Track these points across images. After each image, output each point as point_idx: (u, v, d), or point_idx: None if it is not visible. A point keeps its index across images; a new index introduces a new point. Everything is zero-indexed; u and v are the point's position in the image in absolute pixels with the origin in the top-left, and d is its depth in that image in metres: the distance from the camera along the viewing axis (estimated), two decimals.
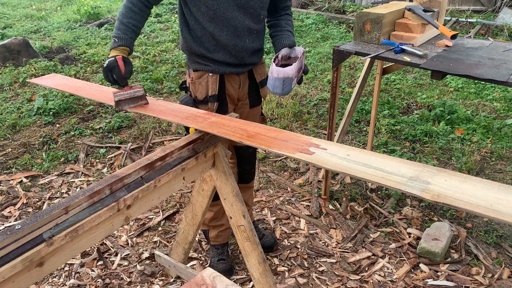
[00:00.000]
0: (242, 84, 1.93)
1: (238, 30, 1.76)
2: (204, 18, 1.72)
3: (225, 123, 1.53)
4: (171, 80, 4.65)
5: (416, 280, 2.18)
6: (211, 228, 2.25)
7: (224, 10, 1.70)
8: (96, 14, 7.40)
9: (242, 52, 1.82)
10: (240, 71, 1.88)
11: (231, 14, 1.72)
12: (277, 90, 1.67)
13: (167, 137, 3.58)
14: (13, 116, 3.83)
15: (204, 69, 1.84)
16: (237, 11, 1.72)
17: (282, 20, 1.94)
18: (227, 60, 1.81)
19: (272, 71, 1.67)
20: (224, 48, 1.79)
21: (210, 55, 1.80)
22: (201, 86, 1.86)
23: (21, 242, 1.05)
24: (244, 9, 1.74)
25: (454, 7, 6.90)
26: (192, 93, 1.90)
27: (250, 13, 1.76)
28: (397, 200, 2.77)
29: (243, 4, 1.72)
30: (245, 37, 1.80)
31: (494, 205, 0.99)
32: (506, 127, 3.57)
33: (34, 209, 2.75)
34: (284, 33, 1.89)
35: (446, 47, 2.36)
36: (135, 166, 1.33)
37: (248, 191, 2.29)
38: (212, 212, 2.17)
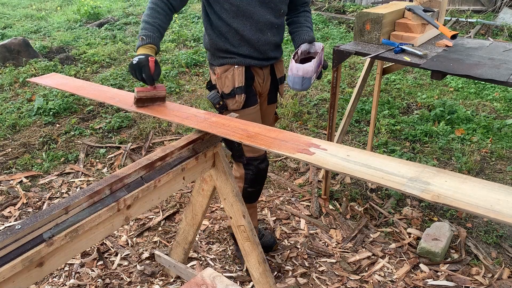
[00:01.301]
0: (265, 79, 1.99)
1: (260, 25, 1.82)
2: (228, 14, 1.78)
3: (225, 123, 1.53)
4: (171, 80, 4.65)
5: (416, 280, 2.18)
6: None
7: (247, 5, 1.76)
8: (96, 14, 7.40)
9: (265, 45, 1.88)
10: (264, 64, 1.93)
11: (254, 9, 1.78)
12: (297, 86, 1.70)
13: (167, 137, 3.58)
14: (13, 116, 3.83)
15: (230, 62, 1.88)
16: (259, 6, 1.78)
17: (301, 17, 1.98)
18: (252, 54, 1.87)
19: (292, 68, 1.68)
20: (249, 43, 1.84)
21: (236, 50, 1.86)
22: (228, 79, 1.89)
23: (21, 242, 1.05)
24: (265, 4, 1.79)
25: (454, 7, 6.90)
26: (219, 89, 1.93)
27: (271, 8, 1.82)
28: (397, 200, 2.77)
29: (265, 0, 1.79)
30: (267, 31, 1.85)
31: (494, 206, 0.99)
32: (506, 127, 3.57)
33: (34, 209, 2.75)
34: (303, 29, 1.93)
35: (446, 47, 2.36)
36: (135, 166, 1.33)
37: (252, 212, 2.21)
38: None
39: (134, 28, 6.73)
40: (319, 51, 1.79)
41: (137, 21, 7.14)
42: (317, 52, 1.79)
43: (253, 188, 2.09)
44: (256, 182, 2.06)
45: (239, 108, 1.91)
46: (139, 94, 1.60)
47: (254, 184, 2.07)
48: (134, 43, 5.94)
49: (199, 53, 5.43)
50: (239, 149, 1.92)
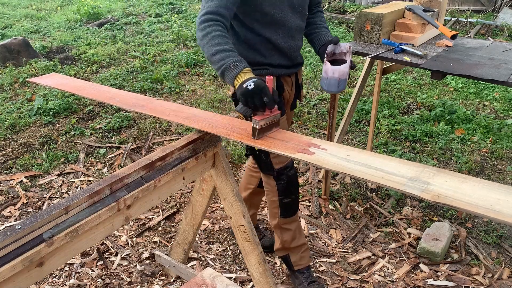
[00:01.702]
0: (292, 86, 1.94)
1: (292, 31, 1.78)
2: (260, 25, 1.72)
3: (225, 123, 1.53)
4: (171, 80, 4.65)
5: (416, 280, 2.18)
6: (292, 251, 2.08)
7: (280, 12, 1.71)
8: (96, 14, 7.40)
9: (295, 51, 1.84)
10: (293, 71, 1.89)
11: (286, 16, 1.73)
12: (333, 89, 1.66)
13: (167, 137, 3.58)
14: (13, 116, 3.83)
15: (262, 73, 1.79)
16: (290, 12, 1.74)
17: (316, 18, 1.94)
18: (283, 62, 1.82)
19: (327, 70, 1.65)
20: (280, 51, 1.79)
21: (267, 61, 1.80)
22: None
23: (21, 242, 1.05)
24: (294, 9, 1.76)
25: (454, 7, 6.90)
26: None
27: (299, 12, 1.78)
28: (397, 200, 2.77)
29: (294, 4, 1.74)
30: (297, 36, 1.82)
31: (494, 206, 0.99)
32: (506, 127, 3.57)
33: (34, 209, 2.75)
34: (321, 30, 1.89)
35: (446, 47, 2.36)
36: (135, 166, 1.33)
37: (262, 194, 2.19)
38: (290, 232, 2.03)
39: (134, 28, 6.73)
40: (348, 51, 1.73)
41: (137, 21, 7.14)
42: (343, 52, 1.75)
43: (288, 198, 1.97)
44: (290, 191, 1.96)
45: None
46: (260, 124, 1.35)
47: (288, 193, 1.96)
48: (134, 43, 5.94)
49: (199, 53, 5.43)
50: (267, 162, 1.86)
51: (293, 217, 2.01)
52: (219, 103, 4.12)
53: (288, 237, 2.03)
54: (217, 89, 4.48)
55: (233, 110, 4.20)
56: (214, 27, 1.52)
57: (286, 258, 2.11)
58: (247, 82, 1.37)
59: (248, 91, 1.35)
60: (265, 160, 1.85)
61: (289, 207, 1.99)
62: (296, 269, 2.10)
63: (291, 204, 1.99)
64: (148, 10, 7.88)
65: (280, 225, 2.02)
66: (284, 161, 1.90)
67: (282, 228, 2.03)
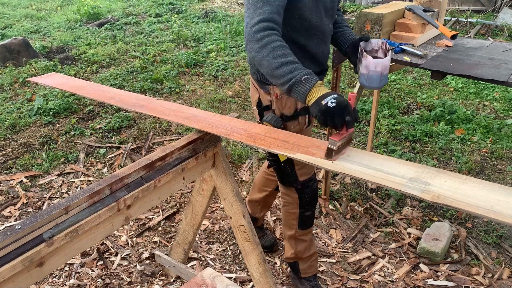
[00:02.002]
0: None
1: (325, 36, 1.71)
2: (295, 32, 1.62)
3: (225, 123, 1.53)
4: (171, 80, 4.65)
5: (416, 280, 2.18)
6: (302, 259, 2.04)
7: (316, 17, 1.63)
8: (96, 14, 7.40)
9: (325, 57, 1.77)
10: (321, 78, 1.82)
11: (322, 21, 1.65)
12: (375, 84, 1.56)
13: (167, 137, 3.58)
14: (13, 116, 3.83)
15: None
16: (325, 15, 1.67)
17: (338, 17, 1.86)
18: (313, 69, 1.70)
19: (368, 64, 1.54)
20: (312, 57, 1.71)
21: None
22: (290, 101, 1.71)
23: (21, 242, 1.05)
24: (328, 12, 1.68)
25: (454, 7, 6.90)
26: (277, 111, 1.74)
27: (331, 15, 1.71)
28: (397, 200, 2.77)
29: (327, 7, 1.67)
30: (328, 41, 1.76)
31: (494, 206, 0.99)
32: (506, 127, 3.57)
33: (34, 209, 2.75)
34: (345, 29, 1.82)
35: (446, 47, 2.36)
36: (135, 166, 1.33)
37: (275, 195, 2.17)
38: (305, 242, 1.99)
39: (134, 28, 6.73)
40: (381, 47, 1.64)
41: (137, 21, 7.14)
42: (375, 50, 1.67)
43: (309, 211, 1.92)
44: (313, 204, 1.92)
45: (299, 131, 1.74)
46: (338, 145, 1.25)
47: (311, 206, 1.91)
48: (134, 43, 5.94)
49: (199, 53, 5.43)
50: (292, 174, 1.79)
51: (310, 228, 1.98)
52: (219, 103, 4.12)
53: (302, 247, 2.00)
54: (217, 89, 4.49)
55: (233, 110, 4.19)
56: (273, 37, 1.39)
57: (294, 265, 2.07)
58: (327, 99, 1.25)
59: (329, 109, 1.23)
60: (290, 172, 1.77)
61: (309, 219, 1.94)
62: (303, 276, 2.07)
63: (311, 216, 1.94)
64: (148, 10, 7.88)
65: (296, 237, 1.97)
66: (309, 173, 1.83)
67: (297, 239, 1.98)
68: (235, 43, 5.86)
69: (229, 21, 6.87)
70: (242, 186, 2.94)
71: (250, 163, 3.19)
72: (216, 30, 6.44)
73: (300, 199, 1.87)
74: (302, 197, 1.87)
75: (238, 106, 4.07)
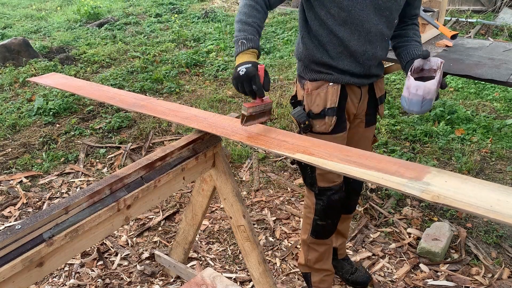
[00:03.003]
0: (362, 98, 1.72)
1: (371, 35, 1.56)
2: (334, 21, 1.53)
3: (225, 123, 1.53)
4: (171, 80, 4.65)
5: (416, 280, 2.18)
6: (315, 271, 1.99)
7: (360, 11, 1.50)
8: (96, 14, 7.40)
9: (371, 60, 1.62)
10: (364, 82, 1.68)
11: (366, 16, 1.52)
12: (415, 108, 1.44)
13: (167, 137, 3.58)
14: (13, 116, 3.83)
15: (325, 78, 1.64)
16: (373, 13, 1.52)
17: (409, 30, 1.72)
18: (353, 69, 1.62)
19: (409, 86, 1.43)
20: (352, 55, 1.59)
21: (334, 63, 1.61)
22: (319, 98, 1.65)
23: (21, 242, 1.05)
24: (380, 11, 1.53)
25: (454, 7, 6.90)
26: (306, 107, 1.69)
27: (386, 16, 1.56)
28: (397, 200, 2.77)
29: (380, 5, 1.52)
30: (377, 43, 1.60)
31: (494, 206, 0.99)
32: (506, 127, 3.57)
33: (34, 209, 2.75)
34: (412, 43, 1.68)
35: (446, 47, 2.36)
36: (135, 166, 1.33)
37: (348, 221, 2.10)
38: (317, 253, 1.93)
39: (134, 28, 6.73)
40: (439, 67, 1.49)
41: (137, 21, 7.14)
42: (433, 69, 1.51)
43: (323, 222, 1.83)
44: (327, 215, 1.82)
45: (326, 132, 1.67)
46: (249, 111, 1.38)
47: (325, 217, 1.82)
48: (134, 43, 5.94)
49: (199, 53, 5.43)
50: (312, 177, 1.73)
51: (324, 240, 1.90)
52: (219, 103, 4.13)
53: (312, 257, 1.94)
54: (217, 89, 4.49)
55: (233, 110, 4.20)
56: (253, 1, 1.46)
57: (307, 275, 2.04)
58: (241, 66, 1.35)
59: (238, 76, 1.34)
60: (310, 174, 1.72)
61: (322, 229, 1.86)
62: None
63: (325, 227, 1.86)
64: (148, 10, 7.88)
65: (308, 243, 1.92)
66: (331, 181, 1.75)
67: (309, 246, 1.93)
68: None
69: (229, 21, 6.87)
70: (242, 186, 2.95)
71: (250, 163, 3.19)
72: (216, 30, 6.44)
73: (315, 205, 1.81)
74: (317, 204, 1.80)
75: (238, 106, 4.07)
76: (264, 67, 1.37)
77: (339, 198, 1.79)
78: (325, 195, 1.77)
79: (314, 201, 1.81)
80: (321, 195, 1.78)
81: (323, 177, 1.74)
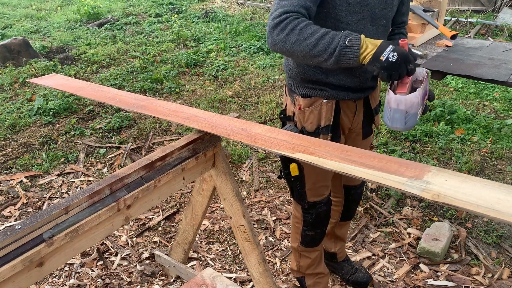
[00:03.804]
0: (357, 111, 1.66)
1: None
2: None
3: (225, 123, 1.53)
4: (171, 80, 4.65)
5: (416, 280, 2.18)
6: (308, 276, 2.00)
7: (357, 22, 1.42)
8: (96, 14, 7.40)
9: (367, 73, 1.53)
10: (359, 96, 1.61)
11: (363, 27, 1.44)
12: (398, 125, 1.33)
13: (167, 137, 3.58)
14: (13, 116, 3.83)
15: (319, 94, 1.55)
16: (370, 23, 1.46)
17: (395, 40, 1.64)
18: (348, 84, 1.53)
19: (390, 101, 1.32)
20: (347, 69, 1.49)
21: (329, 79, 1.52)
22: (313, 115, 1.58)
23: (21, 242, 1.05)
24: (376, 20, 1.47)
25: (454, 7, 6.90)
26: (298, 123, 1.62)
27: (382, 25, 1.50)
28: (397, 200, 2.77)
29: (377, 15, 1.46)
30: None
31: (494, 205, 0.99)
32: (506, 127, 3.57)
33: (34, 209, 2.75)
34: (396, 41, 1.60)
35: (446, 47, 2.36)
36: (135, 166, 1.33)
37: (346, 226, 2.11)
38: (309, 259, 1.94)
39: (134, 28, 6.73)
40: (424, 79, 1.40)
41: (137, 21, 7.14)
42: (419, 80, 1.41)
43: (312, 232, 1.82)
44: (316, 226, 1.81)
45: None
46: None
47: (314, 227, 1.81)
48: (134, 43, 5.94)
49: (199, 53, 5.43)
50: (301, 192, 1.66)
51: (314, 248, 1.89)
52: (219, 103, 4.13)
53: (305, 263, 1.95)
54: (217, 89, 4.49)
55: (233, 110, 4.18)
56: (296, 21, 1.27)
57: (301, 279, 2.05)
58: (385, 53, 1.18)
59: (392, 63, 1.17)
60: (299, 189, 1.65)
61: (312, 239, 1.86)
62: None
63: (314, 237, 1.85)
64: (148, 10, 7.88)
65: (299, 251, 1.93)
66: (320, 195, 1.74)
67: (301, 254, 1.94)
68: (235, 43, 5.86)
69: (229, 21, 6.87)
70: (242, 186, 2.95)
71: (250, 163, 3.19)
72: (216, 30, 6.44)
73: (303, 217, 1.80)
74: (305, 217, 1.79)
75: (238, 106, 4.07)
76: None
77: (327, 209, 1.79)
78: (314, 209, 1.76)
79: (302, 214, 1.80)
80: (310, 209, 1.76)
81: (312, 192, 1.71)
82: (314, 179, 1.68)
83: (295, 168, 1.51)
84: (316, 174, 1.67)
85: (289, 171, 1.55)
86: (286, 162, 1.51)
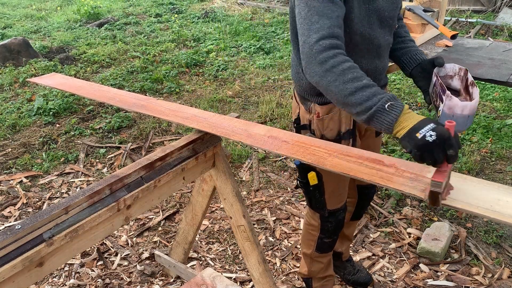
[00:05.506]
0: None
1: (381, 49, 1.47)
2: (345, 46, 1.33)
3: (225, 123, 1.53)
4: (171, 80, 4.65)
5: (416, 280, 2.18)
6: (316, 278, 1.99)
7: (368, 28, 1.40)
8: (96, 14, 7.40)
9: (381, 73, 1.53)
10: None
11: (374, 32, 1.42)
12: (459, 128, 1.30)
13: (167, 137, 3.58)
14: (13, 116, 3.83)
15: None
16: (379, 26, 1.43)
17: (399, 29, 1.62)
18: None
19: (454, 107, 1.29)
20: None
21: None
22: (333, 122, 1.53)
23: (21, 242, 1.05)
24: (384, 22, 1.44)
25: (454, 7, 6.90)
26: (317, 132, 1.56)
27: (389, 25, 1.48)
28: (397, 200, 2.77)
29: (385, 16, 1.43)
30: (385, 55, 1.52)
31: (494, 206, 0.99)
32: (506, 127, 3.57)
33: (34, 209, 2.75)
34: (409, 44, 1.59)
35: (446, 47, 2.36)
36: (135, 166, 1.33)
37: (355, 225, 2.09)
38: (321, 264, 1.92)
39: (134, 28, 6.73)
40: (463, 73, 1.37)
41: (137, 21, 7.14)
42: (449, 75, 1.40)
43: (329, 239, 1.80)
44: (335, 233, 1.78)
45: None
46: (443, 186, 1.01)
47: (332, 234, 1.78)
48: (134, 43, 5.94)
49: (199, 53, 5.43)
50: (321, 200, 1.62)
51: (328, 253, 1.88)
52: (219, 103, 4.12)
53: (317, 268, 1.93)
54: (217, 89, 4.49)
55: (233, 110, 4.17)
56: (339, 58, 1.18)
57: (308, 281, 2.02)
58: (423, 130, 1.03)
59: (428, 144, 1.02)
60: (319, 198, 1.61)
61: (328, 245, 1.83)
62: None
63: (331, 244, 1.83)
64: (148, 10, 7.88)
65: (312, 257, 1.90)
66: (340, 202, 1.70)
67: (313, 260, 1.91)
68: (235, 43, 5.87)
69: (229, 21, 6.87)
70: (242, 186, 2.95)
71: (250, 163, 3.19)
72: (216, 30, 6.44)
73: (322, 226, 1.75)
74: (325, 225, 1.75)
75: (238, 106, 4.07)
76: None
77: (345, 214, 1.77)
78: (334, 217, 1.72)
79: (320, 222, 1.75)
80: (330, 217, 1.72)
81: (332, 199, 1.66)
82: (333, 186, 1.63)
83: (314, 177, 1.48)
84: (335, 182, 1.62)
85: (307, 181, 1.50)
86: (304, 171, 1.46)
